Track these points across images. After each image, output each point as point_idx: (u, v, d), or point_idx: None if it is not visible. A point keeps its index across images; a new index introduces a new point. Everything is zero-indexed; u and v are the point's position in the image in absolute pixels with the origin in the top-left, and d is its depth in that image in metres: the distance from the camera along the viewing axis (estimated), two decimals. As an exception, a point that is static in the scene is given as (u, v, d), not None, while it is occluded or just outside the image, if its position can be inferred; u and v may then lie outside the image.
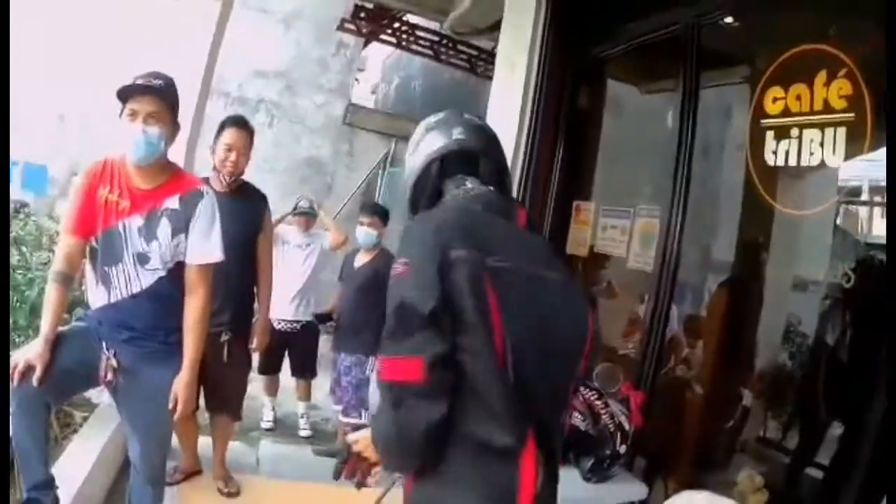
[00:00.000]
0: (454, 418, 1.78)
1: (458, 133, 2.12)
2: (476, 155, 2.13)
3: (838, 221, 3.57)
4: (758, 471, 3.67)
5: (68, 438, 4.29)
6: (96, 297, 3.21)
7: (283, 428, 6.41)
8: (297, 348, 6.18)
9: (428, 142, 2.15)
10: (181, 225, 3.17)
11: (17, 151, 11.59)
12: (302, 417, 6.40)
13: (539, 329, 1.88)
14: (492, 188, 2.09)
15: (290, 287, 6.01)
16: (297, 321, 6.09)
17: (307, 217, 6.32)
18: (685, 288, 4.60)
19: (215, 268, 3.33)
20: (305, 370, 6.32)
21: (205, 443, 4.85)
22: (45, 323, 3.03)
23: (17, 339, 4.35)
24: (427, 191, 2.13)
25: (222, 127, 4.35)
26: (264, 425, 6.31)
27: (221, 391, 4.42)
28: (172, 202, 3.17)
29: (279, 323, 5.79)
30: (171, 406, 3.19)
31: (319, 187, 11.80)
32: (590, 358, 2.05)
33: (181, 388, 3.18)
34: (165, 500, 3.88)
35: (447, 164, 2.11)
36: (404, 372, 1.77)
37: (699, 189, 4.10)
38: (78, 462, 3.99)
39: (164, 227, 3.13)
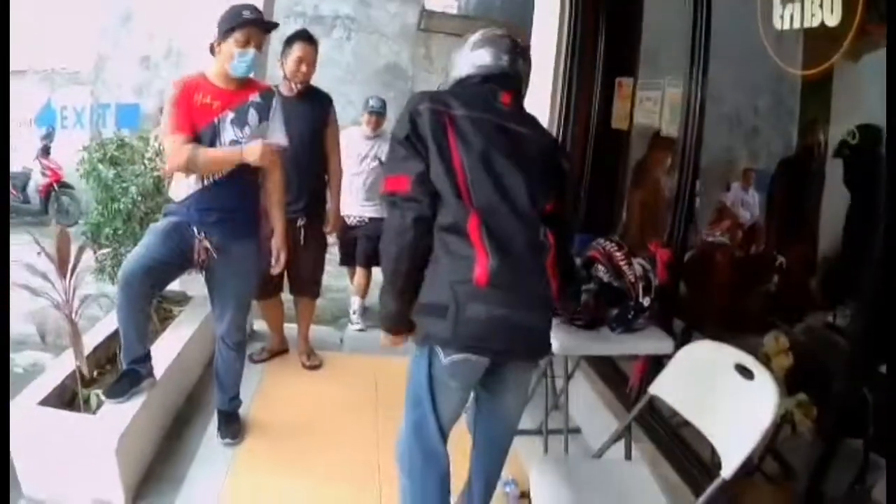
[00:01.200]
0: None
1: (504, 61, 2.83)
2: (508, 74, 2.84)
3: (839, 80, 3.66)
4: (789, 337, 3.71)
5: (165, 329, 4.82)
6: (188, 185, 3.87)
7: (369, 315, 6.85)
8: (363, 238, 6.54)
9: (478, 55, 2.85)
10: (265, 114, 3.95)
11: (107, 96, 12.40)
12: (355, 314, 6.79)
13: (494, 158, 2.62)
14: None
15: (359, 189, 6.49)
16: (365, 216, 6.51)
17: (377, 116, 6.65)
18: (763, 175, 4.62)
19: (284, 155, 4.10)
20: (368, 260, 6.64)
21: (291, 327, 5.44)
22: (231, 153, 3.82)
23: (115, 245, 4.97)
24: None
25: (291, 41, 4.90)
26: (352, 320, 6.83)
27: (301, 272, 5.05)
28: (255, 97, 3.94)
29: (350, 218, 6.33)
30: (274, 261, 4.20)
31: (401, 92, 12.13)
32: (565, 194, 2.93)
33: (280, 247, 4.19)
34: (253, 376, 4.49)
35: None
36: (397, 185, 2.60)
37: (719, 55, 4.27)
38: (174, 340, 4.62)
39: (252, 116, 3.90)
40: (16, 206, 12.90)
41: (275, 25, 4.08)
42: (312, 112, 4.97)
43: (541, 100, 5.63)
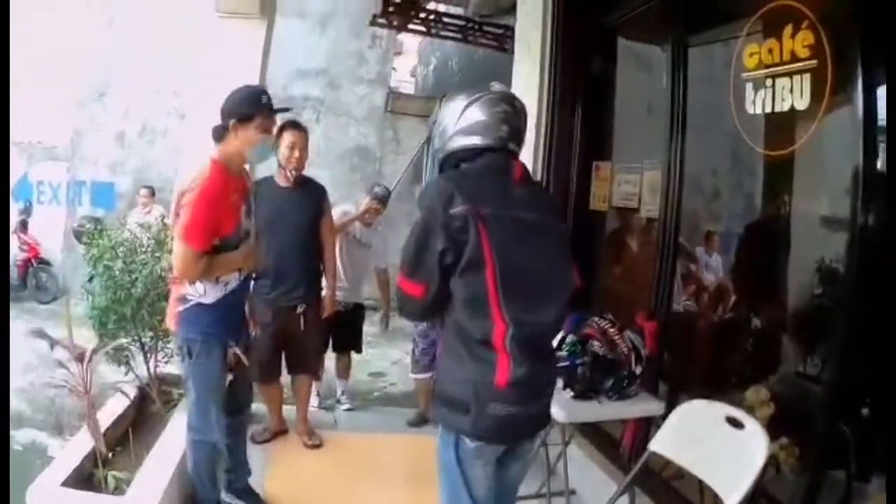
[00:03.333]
0: (456, 317, 2.65)
1: (503, 132, 2.71)
2: (511, 138, 2.75)
3: (808, 158, 3.89)
4: (770, 390, 3.98)
5: (170, 413, 4.94)
6: (217, 291, 3.76)
7: (355, 394, 7.06)
8: (342, 326, 6.38)
9: (472, 121, 2.70)
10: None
11: (84, 172, 12.54)
12: (343, 394, 6.80)
13: (520, 255, 2.61)
14: (499, 153, 2.72)
15: (347, 273, 6.41)
16: (349, 302, 6.42)
17: (381, 205, 6.55)
18: (729, 238, 4.88)
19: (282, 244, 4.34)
20: (347, 347, 6.70)
21: (288, 409, 5.56)
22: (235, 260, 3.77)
23: (123, 327, 5.04)
24: (454, 161, 2.77)
25: (281, 129, 4.96)
26: (341, 401, 6.82)
27: (302, 354, 5.14)
28: (249, 183, 3.96)
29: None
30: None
31: (369, 174, 12.33)
32: (579, 274, 2.84)
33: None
34: (259, 455, 4.67)
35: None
36: (413, 289, 2.65)
37: (695, 139, 4.58)
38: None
39: (253, 203, 3.92)
40: None
41: (286, 109, 4.08)
42: (308, 202, 5.17)
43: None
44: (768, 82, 3.77)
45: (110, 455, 4.29)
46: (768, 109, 3.77)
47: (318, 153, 12.03)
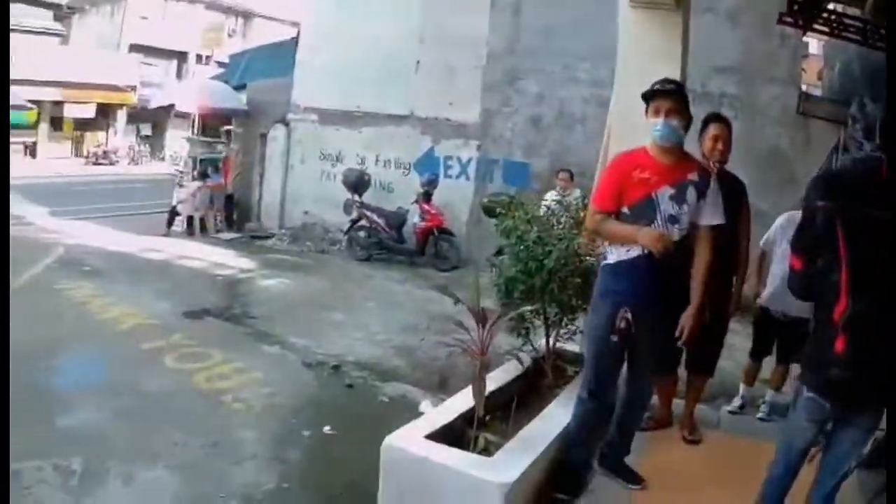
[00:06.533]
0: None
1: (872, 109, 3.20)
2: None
3: None
4: None
5: (561, 388, 5.16)
6: (621, 253, 4.24)
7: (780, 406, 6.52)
8: (786, 337, 6.14)
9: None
10: (703, 192, 4.22)
11: (495, 151, 13.04)
12: (763, 404, 6.39)
13: (866, 246, 3.11)
14: (875, 151, 2.88)
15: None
16: (788, 314, 6.05)
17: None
18: None
19: (717, 231, 4.33)
20: (787, 356, 6.27)
21: (676, 403, 5.56)
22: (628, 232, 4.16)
23: (530, 299, 5.27)
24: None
25: (706, 122, 5.13)
26: (729, 409, 6.49)
27: (700, 352, 5.11)
28: (693, 176, 4.22)
29: (774, 312, 6.16)
30: (678, 334, 4.26)
31: (783, 177, 11.71)
32: None
33: (688, 320, 4.25)
34: (636, 442, 4.68)
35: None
36: (794, 262, 3.53)
37: None
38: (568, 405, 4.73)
39: (691, 194, 4.18)
40: (390, 245, 14.39)
41: (680, 91, 4.19)
42: (728, 196, 4.77)
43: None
44: None
45: (487, 418, 4.50)
46: None
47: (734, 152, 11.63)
